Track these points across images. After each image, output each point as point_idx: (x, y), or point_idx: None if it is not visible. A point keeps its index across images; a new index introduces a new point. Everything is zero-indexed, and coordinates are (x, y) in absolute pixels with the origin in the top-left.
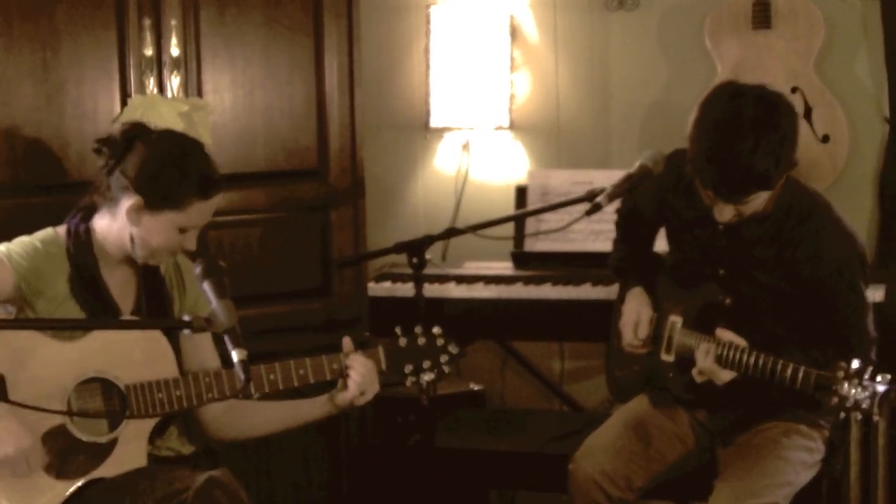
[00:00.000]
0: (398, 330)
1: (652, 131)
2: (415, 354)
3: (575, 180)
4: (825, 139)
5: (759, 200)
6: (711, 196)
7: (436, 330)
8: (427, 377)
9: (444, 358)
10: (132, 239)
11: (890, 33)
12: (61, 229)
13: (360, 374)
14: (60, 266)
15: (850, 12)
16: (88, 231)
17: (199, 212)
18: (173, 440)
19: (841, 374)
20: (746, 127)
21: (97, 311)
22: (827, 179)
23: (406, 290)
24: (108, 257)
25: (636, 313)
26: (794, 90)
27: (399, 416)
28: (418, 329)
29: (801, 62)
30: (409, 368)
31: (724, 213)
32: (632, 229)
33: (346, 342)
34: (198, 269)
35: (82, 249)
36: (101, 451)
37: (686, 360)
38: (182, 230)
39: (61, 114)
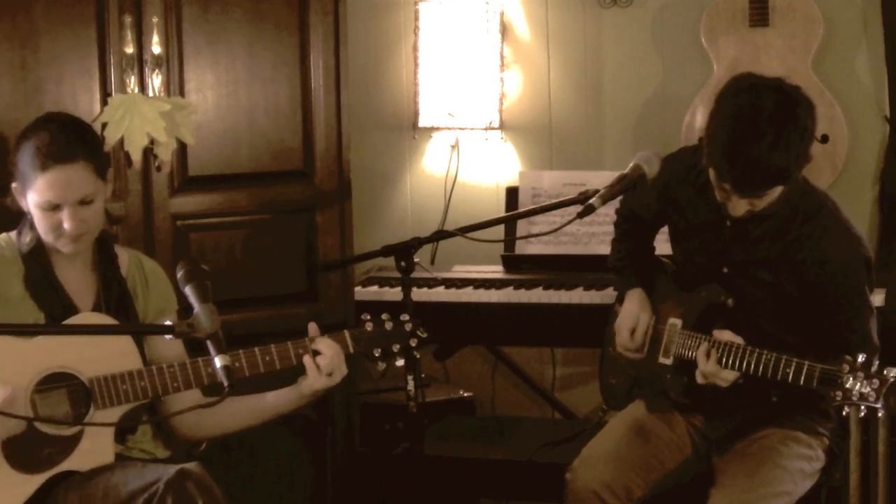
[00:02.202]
0: (365, 316)
1: (646, 131)
2: (383, 338)
3: (567, 181)
4: (824, 139)
5: (775, 194)
6: (728, 190)
7: (403, 316)
8: (398, 361)
9: (413, 341)
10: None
11: (890, 30)
12: (14, 232)
13: (327, 357)
14: (15, 267)
15: (849, 9)
16: (28, 230)
17: (46, 186)
18: (147, 442)
19: (846, 367)
20: (766, 121)
21: (55, 309)
22: (826, 180)
23: (394, 294)
24: (62, 255)
25: (634, 317)
26: None
27: (387, 423)
28: (385, 315)
29: (799, 60)
30: (378, 352)
31: (739, 207)
32: (632, 230)
33: (312, 327)
34: (180, 273)
35: (34, 248)
36: (67, 444)
37: (685, 362)
38: (49, 209)
39: (40, 113)
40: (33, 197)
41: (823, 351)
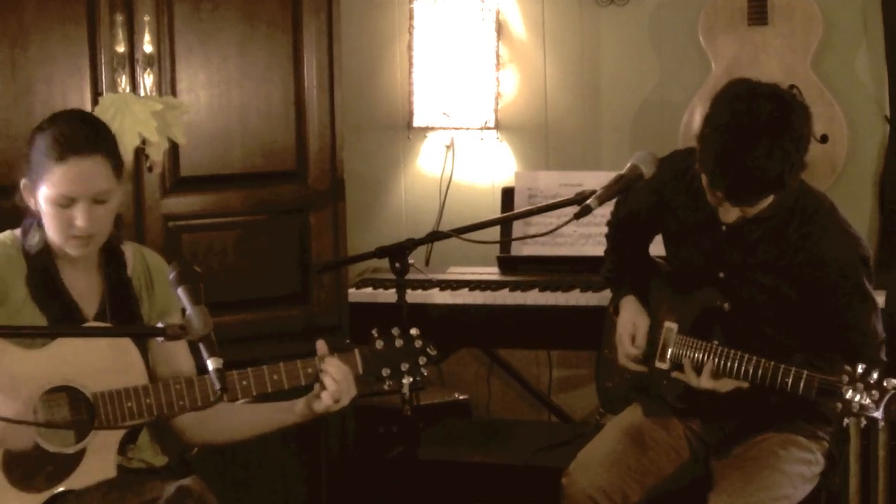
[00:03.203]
0: (375, 332)
1: (644, 131)
2: (392, 357)
3: (563, 182)
4: (823, 139)
5: (767, 201)
6: (721, 198)
7: (413, 331)
8: (406, 380)
9: (422, 360)
10: (45, 227)
11: (890, 29)
12: (19, 230)
13: (336, 380)
14: (18, 268)
15: (849, 7)
16: (43, 229)
17: (63, 178)
18: (146, 451)
19: (846, 378)
20: (761, 129)
21: (58, 314)
22: (825, 181)
23: (388, 296)
24: (68, 257)
25: (632, 325)
26: (790, 88)
27: (381, 426)
28: (395, 331)
29: (798, 59)
30: (386, 372)
31: (730, 214)
32: (624, 238)
33: (321, 346)
34: (172, 275)
35: (38, 248)
36: (69, 462)
37: (681, 367)
38: (62, 205)
39: (30, 113)
40: (46, 191)
41: (826, 352)
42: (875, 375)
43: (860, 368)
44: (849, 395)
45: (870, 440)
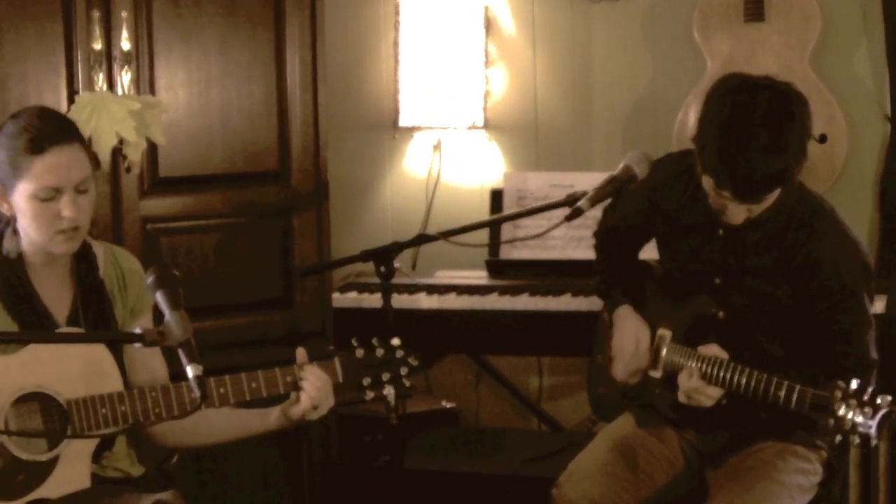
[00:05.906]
0: (355, 341)
1: (637, 130)
2: (373, 367)
3: (554, 183)
4: (822, 139)
5: (772, 198)
6: (728, 197)
7: (395, 341)
8: (387, 390)
9: (403, 370)
10: (22, 232)
11: (891, 26)
12: None
13: (315, 388)
14: None
15: (848, 4)
16: (18, 235)
17: (46, 169)
18: (122, 459)
19: (839, 393)
20: (761, 121)
21: (30, 320)
22: (824, 182)
23: (373, 300)
24: (38, 261)
25: (634, 340)
26: None
27: (366, 435)
28: (376, 340)
29: (796, 57)
30: (367, 381)
31: (737, 214)
32: (615, 245)
33: (301, 353)
34: (150, 279)
35: (15, 255)
36: (42, 470)
37: (674, 376)
38: (47, 198)
39: (4, 112)
40: (28, 187)
41: (818, 365)
42: (869, 392)
43: (854, 384)
44: (841, 411)
45: (869, 450)
